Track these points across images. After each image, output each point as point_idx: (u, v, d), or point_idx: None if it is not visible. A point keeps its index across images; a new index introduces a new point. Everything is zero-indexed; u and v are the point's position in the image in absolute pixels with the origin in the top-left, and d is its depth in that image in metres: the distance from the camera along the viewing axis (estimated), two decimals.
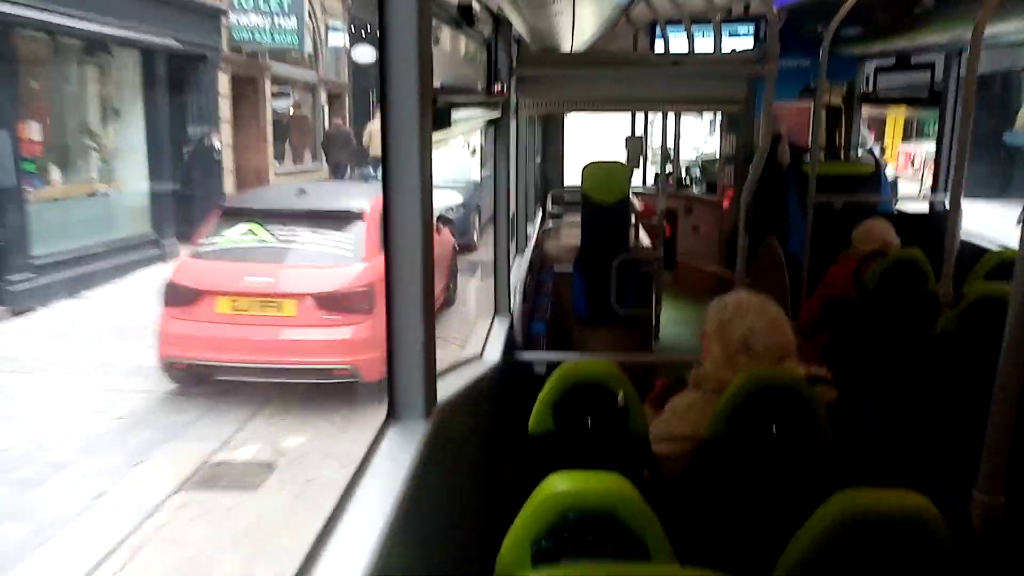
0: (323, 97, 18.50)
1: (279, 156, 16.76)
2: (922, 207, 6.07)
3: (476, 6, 2.85)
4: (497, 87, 3.44)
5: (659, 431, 2.20)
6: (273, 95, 16.32)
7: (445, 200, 11.76)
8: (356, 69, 19.53)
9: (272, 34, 14.51)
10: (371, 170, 14.37)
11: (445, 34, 2.83)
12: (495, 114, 3.33)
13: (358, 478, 1.49)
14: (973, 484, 1.77)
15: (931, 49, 5.73)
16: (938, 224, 4.49)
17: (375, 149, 14.35)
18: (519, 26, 3.90)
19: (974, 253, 4.47)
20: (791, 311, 4.35)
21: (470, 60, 3.36)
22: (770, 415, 1.95)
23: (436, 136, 1.90)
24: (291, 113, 17.59)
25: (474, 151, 17.44)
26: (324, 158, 17.29)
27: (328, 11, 18.41)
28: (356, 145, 15.97)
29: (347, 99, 19.81)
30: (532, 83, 3.61)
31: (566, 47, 6.40)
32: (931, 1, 4.51)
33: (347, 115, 19.18)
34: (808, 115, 5.98)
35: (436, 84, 1.89)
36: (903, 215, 5.73)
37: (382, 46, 1.64)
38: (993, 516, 1.76)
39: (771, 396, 1.95)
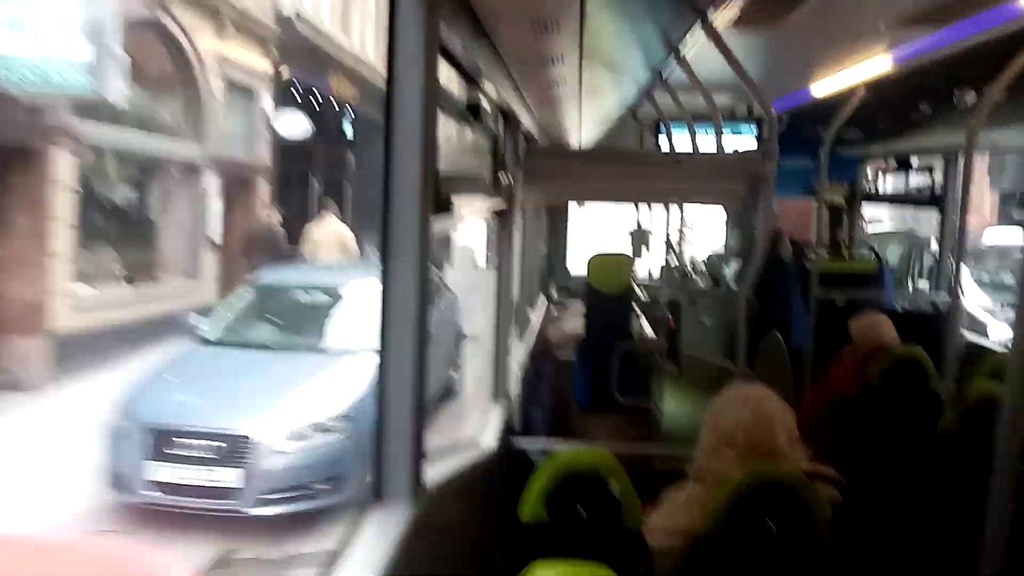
0: (213, 183, 11.95)
1: (139, 270, 10.59)
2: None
3: (484, 102, 2.97)
4: (503, 178, 3.54)
5: (656, 523, 2.17)
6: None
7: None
8: (285, 147, 13.97)
9: (41, 70, 7.96)
10: (191, 319, 7.26)
11: (452, 125, 2.93)
12: (499, 203, 3.42)
13: (336, 561, 1.47)
14: None
15: (931, 152, 5.88)
16: (940, 322, 4.50)
17: (318, 254, 10.48)
18: (527, 121, 4.04)
19: (980, 352, 4.46)
20: (795, 406, 4.32)
21: (476, 150, 3.47)
22: (769, 512, 1.92)
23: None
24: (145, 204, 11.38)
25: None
26: (203, 270, 11.85)
27: (232, 63, 12.32)
28: (284, 247, 11.00)
29: (265, 186, 13.58)
30: (538, 175, 3.71)
31: (573, 141, 6.59)
32: (928, 108, 4.67)
33: (259, 207, 13.13)
34: (810, 212, 6.09)
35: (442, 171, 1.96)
36: (907, 313, 5.75)
37: (387, 134, 1.72)
38: None
39: (770, 493, 1.93)
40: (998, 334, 7.58)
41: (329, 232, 10.73)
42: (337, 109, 16.35)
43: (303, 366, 6.33)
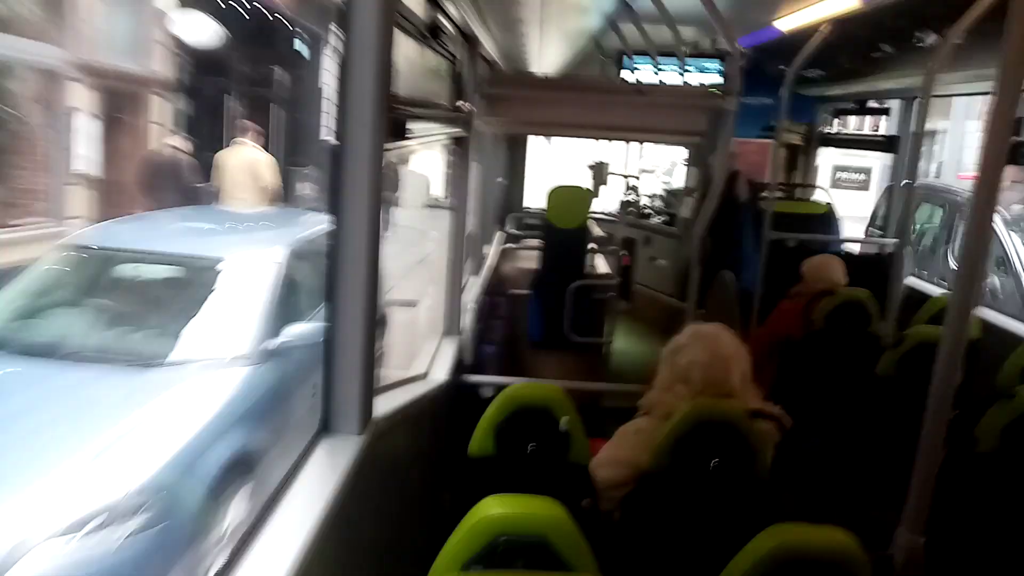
0: (83, 98, 9.20)
1: None
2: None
3: (444, 22, 2.85)
4: (462, 104, 3.43)
5: (603, 456, 2.19)
6: None
7: None
8: (195, 57, 11.19)
9: None
10: None
11: (410, 45, 2.81)
12: (458, 131, 3.32)
13: (283, 490, 1.44)
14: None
15: (890, 95, 5.90)
16: (886, 266, 4.59)
17: (230, 190, 8.35)
18: (488, 45, 3.91)
19: (922, 297, 4.58)
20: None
21: (434, 73, 3.36)
22: (712, 448, 1.95)
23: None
24: None
25: None
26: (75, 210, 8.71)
27: None
28: (193, 180, 8.82)
29: (164, 106, 10.76)
30: (498, 103, 3.61)
31: (535, 71, 6.44)
32: (890, 48, 4.65)
33: (163, 130, 10.44)
34: (767, 152, 6.10)
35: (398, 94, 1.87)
36: (852, 256, 5.86)
37: (344, 53, 1.63)
38: (914, 557, 1.80)
39: (713, 429, 1.96)
40: None
41: (244, 160, 8.57)
42: (269, 17, 13.47)
43: (117, 393, 3.77)
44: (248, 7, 12.45)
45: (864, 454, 2.97)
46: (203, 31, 10.96)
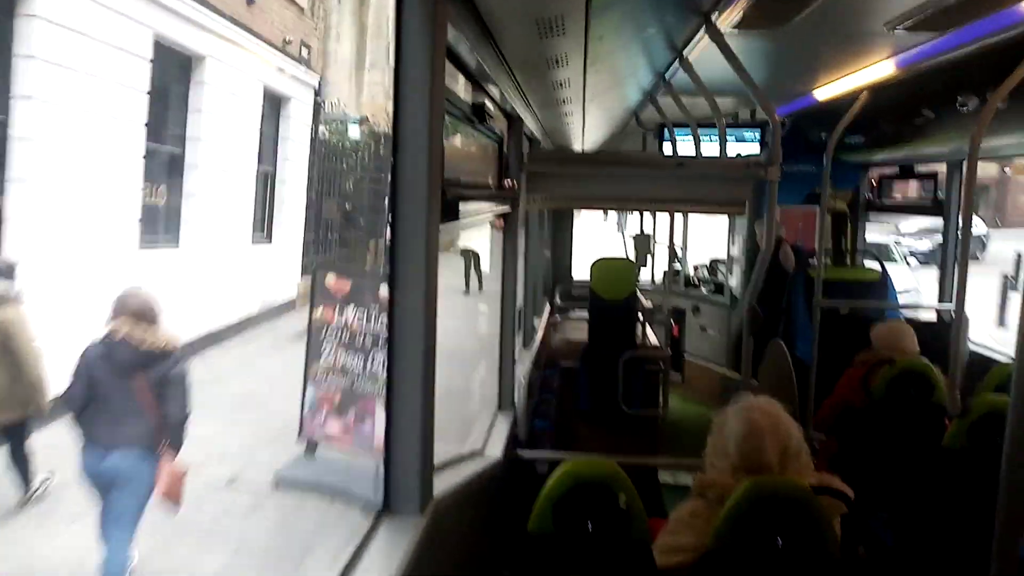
0: None
1: None
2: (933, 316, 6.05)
3: (489, 105, 2.95)
4: (507, 182, 3.51)
5: (663, 542, 2.14)
6: None
7: None
8: None
9: None
10: None
11: (455, 126, 2.92)
12: (505, 208, 3.39)
13: (348, 573, 1.44)
14: None
15: (934, 159, 5.85)
16: (946, 332, 4.46)
17: None
18: (531, 124, 4.02)
19: (985, 363, 4.43)
20: (799, 415, 4.30)
21: (481, 154, 3.48)
22: (775, 526, 1.89)
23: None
24: None
25: None
26: None
27: None
28: None
29: None
30: (542, 179, 3.68)
31: (577, 146, 6.58)
32: (931, 112, 4.64)
33: None
34: (814, 219, 6.06)
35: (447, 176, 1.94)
36: (911, 322, 5.72)
37: (395, 140, 1.69)
38: None
39: (776, 506, 1.90)
40: None
41: None
42: None
43: None
44: None
45: (937, 527, 2.84)
46: None
